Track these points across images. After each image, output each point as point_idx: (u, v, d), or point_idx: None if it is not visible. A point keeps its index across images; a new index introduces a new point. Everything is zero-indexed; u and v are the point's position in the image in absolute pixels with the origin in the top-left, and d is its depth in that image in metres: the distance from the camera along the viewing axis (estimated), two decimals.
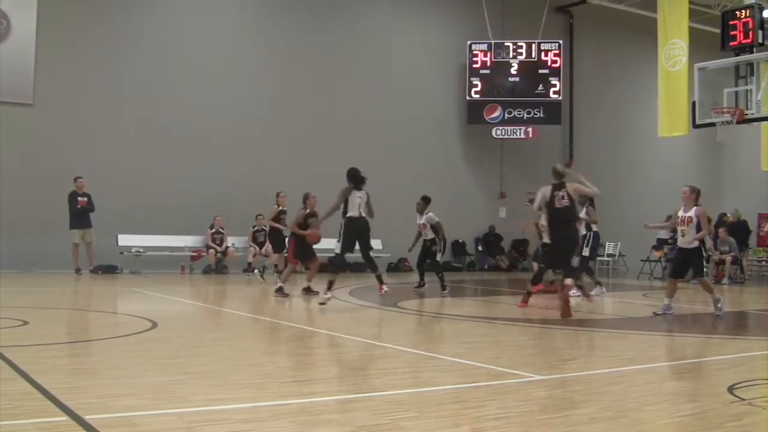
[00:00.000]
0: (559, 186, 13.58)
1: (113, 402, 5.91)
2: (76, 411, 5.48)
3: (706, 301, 15.78)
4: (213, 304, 14.98)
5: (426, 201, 17.97)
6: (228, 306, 13.88)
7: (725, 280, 22.44)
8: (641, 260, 28.13)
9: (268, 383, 7.06)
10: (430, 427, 5.52)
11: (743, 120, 19.88)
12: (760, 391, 7.21)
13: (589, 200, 17.47)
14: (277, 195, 19.66)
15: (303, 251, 15.99)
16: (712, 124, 20.29)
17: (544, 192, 13.66)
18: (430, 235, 17.77)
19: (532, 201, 14.77)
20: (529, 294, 14.47)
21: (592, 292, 17.28)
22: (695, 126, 21.10)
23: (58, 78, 21.86)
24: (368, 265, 15.27)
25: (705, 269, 14.60)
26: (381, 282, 15.20)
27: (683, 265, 13.80)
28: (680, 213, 13.74)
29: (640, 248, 28.83)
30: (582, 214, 17.56)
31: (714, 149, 31.51)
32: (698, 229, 13.43)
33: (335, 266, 15.17)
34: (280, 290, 15.49)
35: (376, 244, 25.36)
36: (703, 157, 33.90)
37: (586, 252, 17.51)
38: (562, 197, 13.46)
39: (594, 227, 17.63)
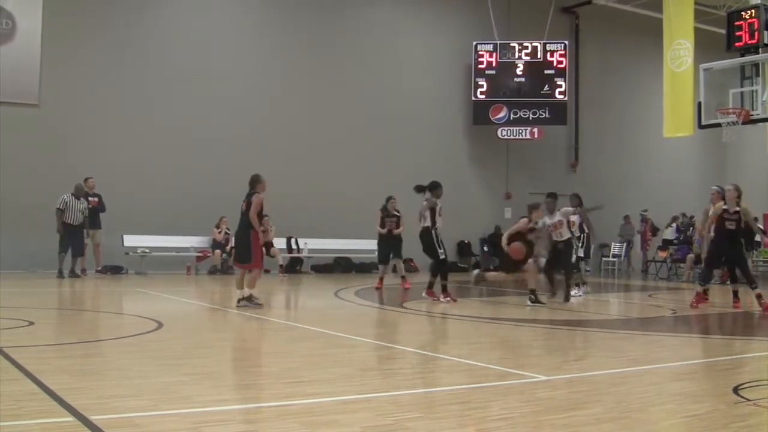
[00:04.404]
0: None
1: (118, 402, 5.92)
2: (81, 411, 5.48)
3: (712, 304, 15.77)
4: (218, 305, 14.99)
5: (555, 197, 16.40)
6: (233, 306, 13.85)
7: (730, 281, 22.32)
8: (647, 261, 28.11)
9: (273, 384, 7.06)
10: (435, 428, 5.51)
11: (749, 120, 19.87)
12: (765, 392, 7.19)
13: (578, 202, 17.59)
14: (388, 200, 18.97)
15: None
16: (718, 125, 20.27)
17: None
18: (566, 234, 16.02)
19: None
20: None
21: (574, 291, 17.32)
22: (701, 126, 21.08)
23: (63, 78, 21.91)
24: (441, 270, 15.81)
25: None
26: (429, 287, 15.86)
27: None
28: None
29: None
30: (575, 218, 17.54)
31: (718, 150, 31.48)
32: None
33: (446, 271, 15.84)
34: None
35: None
36: (708, 158, 33.88)
37: (581, 252, 17.70)
38: None
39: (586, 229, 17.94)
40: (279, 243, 23.50)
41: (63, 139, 21.85)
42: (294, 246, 24.73)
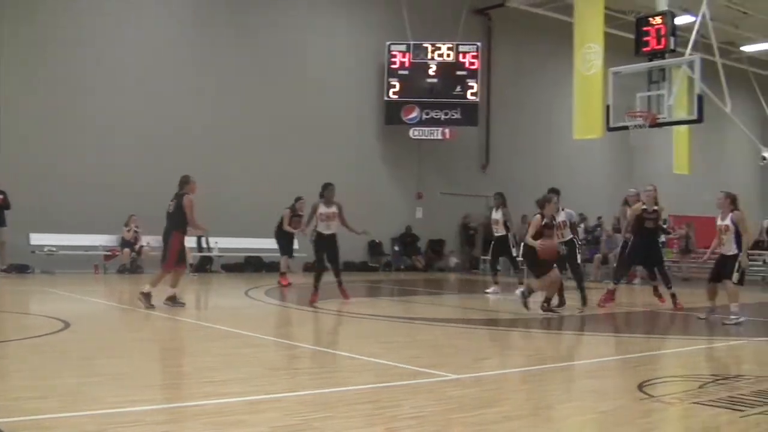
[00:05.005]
0: None
1: (22, 404, 5.80)
2: None
3: (620, 303, 16.05)
4: (127, 304, 14.77)
5: (558, 193, 15.32)
6: (143, 306, 13.65)
7: (637, 281, 22.81)
8: None
9: (183, 384, 7.01)
10: (343, 427, 5.53)
11: (656, 124, 20.28)
12: (668, 388, 7.37)
13: (501, 201, 18.12)
14: (297, 200, 19.62)
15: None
16: (626, 128, 20.66)
17: None
18: (568, 235, 15.01)
19: None
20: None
21: (492, 289, 18.23)
22: (609, 129, 21.43)
23: None
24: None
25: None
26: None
27: (723, 269, 12.90)
28: (718, 221, 12.95)
29: None
30: (499, 216, 18.02)
31: (627, 152, 32.03)
32: (737, 235, 12.68)
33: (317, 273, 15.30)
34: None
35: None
36: (617, 160, 34.44)
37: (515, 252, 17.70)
38: None
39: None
40: (189, 242, 23.18)
41: None
42: (204, 245, 24.48)
